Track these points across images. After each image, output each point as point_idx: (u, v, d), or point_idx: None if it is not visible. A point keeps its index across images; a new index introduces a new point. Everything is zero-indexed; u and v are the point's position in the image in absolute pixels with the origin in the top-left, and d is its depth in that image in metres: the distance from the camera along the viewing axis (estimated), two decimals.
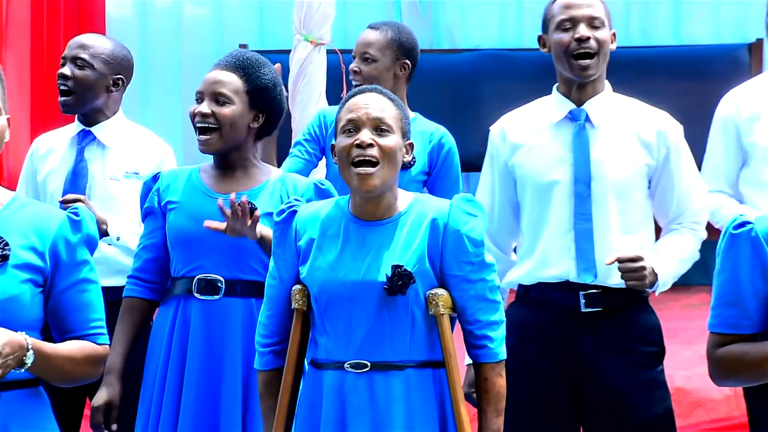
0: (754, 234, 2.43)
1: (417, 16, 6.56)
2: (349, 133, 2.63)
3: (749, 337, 2.45)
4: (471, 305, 2.64)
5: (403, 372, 2.61)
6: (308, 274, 2.66)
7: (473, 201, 2.69)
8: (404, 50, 3.86)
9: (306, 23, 5.36)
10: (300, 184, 3.11)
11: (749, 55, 6.18)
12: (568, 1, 3.05)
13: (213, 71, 3.07)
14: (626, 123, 3.06)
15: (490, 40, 6.56)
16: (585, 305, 3.02)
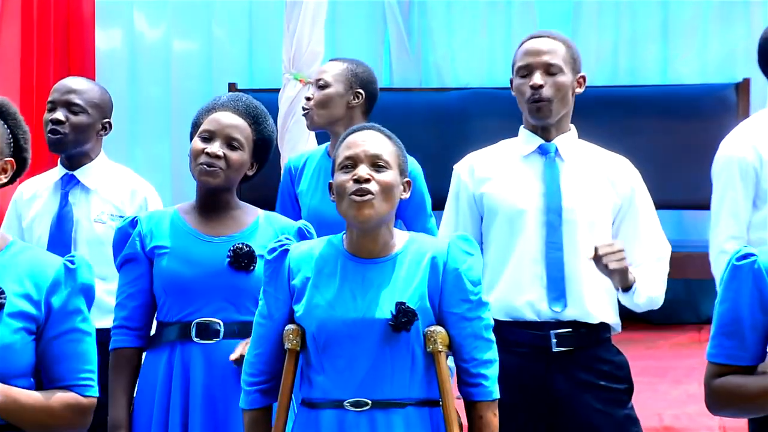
0: (756, 266, 2.43)
1: (406, 54, 6.59)
2: (346, 170, 2.65)
3: (747, 368, 2.45)
4: (468, 343, 2.66)
5: (404, 410, 2.61)
6: (305, 313, 2.66)
7: (470, 240, 2.71)
8: (359, 80, 3.91)
9: (295, 62, 5.38)
10: (286, 224, 3.12)
11: (736, 95, 6.21)
12: (528, 48, 3.11)
13: (224, 113, 3.05)
14: (593, 161, 3.15)
15: (479, 78, 6.59)
16: (556, 344, 3.04)
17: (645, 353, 5.37)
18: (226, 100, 3.10)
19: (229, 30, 6.59)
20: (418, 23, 6.59)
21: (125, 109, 6.47)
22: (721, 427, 4.32)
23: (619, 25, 6.46)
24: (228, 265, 3.01)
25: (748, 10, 6.36)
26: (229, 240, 3.03)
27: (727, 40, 6.41)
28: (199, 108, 3.14)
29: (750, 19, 6.33)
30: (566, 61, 3.09)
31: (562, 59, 3.08)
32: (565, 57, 3.09)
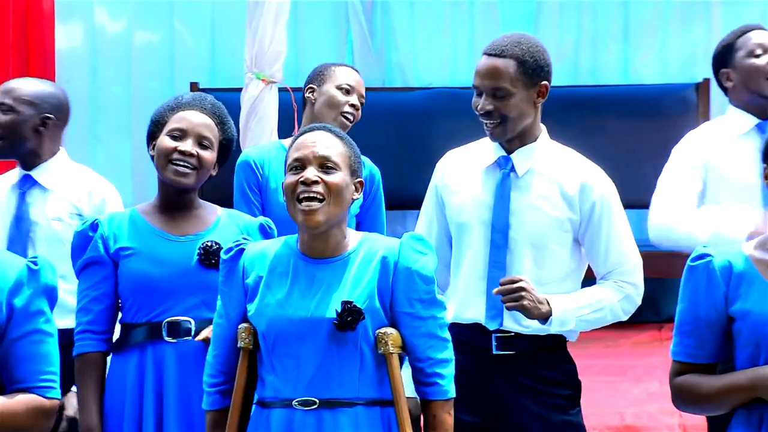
0: (711, 267, 2.47)
1: (369, 53, 6.58)
2: (295, 171, 2.65)
3: (706, 366, 2.48)
4: (422, 343, 2.66)
5: (352, 409, 2.61)
6: (256, 312, 2.66)
7: (423, 239, 2.71)
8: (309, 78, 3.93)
9: (258, 61, 5.36)
10: (248, 221, 3.12)
11: (697, 95, 6.26)
12: (479, 67, 3.06)
13: (192, 112, 3.04)
14: (551, 175, 3.07)
15: (442, 78, 6.60)
16: (496, 347, 3.05)
17: (606, 352, 5.40)
18: (192, 99, 3.08)
19: (191, 30, 6.56)
20: (381, 23, 6.59)
21: (86, 108, 6.43)
22: (681, 425, 4.36)
23: (581, 26, 6.49)
24: (198, 262, 3.00)
25: (708, 10, 6.41)
26: (195, 238, 3.02)
27: (688, 40, 6.46)
28: (159, 106, 3.12)
29: (710, 20, 6.39)
30: (515, 80, 3.00)
31: (510, 80, 3.00)
32: (514, 76, 3.01)
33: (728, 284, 2.46)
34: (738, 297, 2.45)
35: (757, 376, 2.39)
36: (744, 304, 2.44)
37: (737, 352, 2.47)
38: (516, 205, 3.05)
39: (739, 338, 2.46)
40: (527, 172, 3.07)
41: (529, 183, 3.06)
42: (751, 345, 2.43)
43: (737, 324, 2.45)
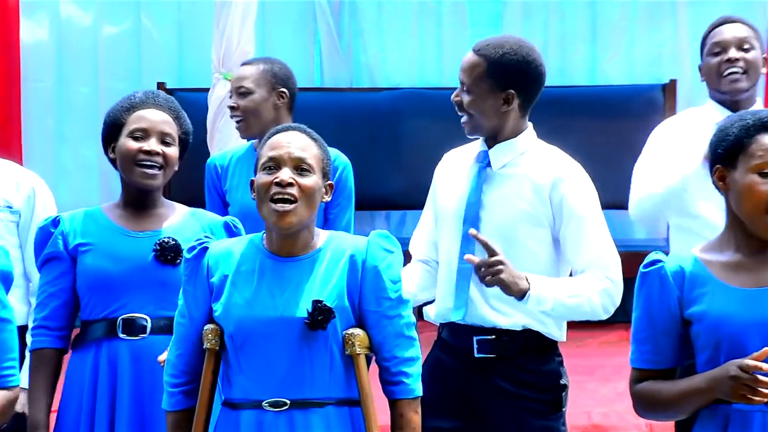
0: (663, 272, 2.47)
1: (337, 54, 6.58)
2: (269, 171, 2.63)
3: (665, 372, 2.49)
4: (388, 342, 2.65)
5: (323, 409, 2.60)
6: (223, 312, 2.64)
7: (389, 237, 2.71)
8: (279, 79, 3.89)
9: (225, 61, 5.35)
10: (212, 219, 3.10)
11: (663, 95, 6.29)
12: (461, 62, 3.07)
13: (149, 110, 3.02)
14: (525, 170, 3.05)
15: (410, 78, 6.61)
16: (477, 351, 3.03)
17: (573, 351, 5.41)
18: (146, 98, 3.06)
19: (158, 30, 6.53)
20: (348, 23, 6.59)
21: (53, 110, 6.38)
22: (648, 424, 4.37)
23: (548, 26, 6.52)
24: (154, 259, 2.98)
25: (675, 11, 6.45)
26: (154, 235, 3.01)
27: (654, 41, 6.50)
28: (111, 108, 3.08)
29: (677, 21, 6.43)
30: (479, 79, 3.00)
31: (473, 79, 3.00)
32: (479, 75, 2.99)
33: (682, 288, 2.46)
34: (693, 300, 2.45)
35: (713, 378, 2.39)
36: (700, 306, 2.45)
37: (697, 355, 2.47)
38: (488, 198, 3.05)
39: (697, 341, 2.46)
40: (503, 166, 3.07)
41: (503, 177, 3.06)
42: (710, 347, 2.43)
43: (695, 327, 2.46)
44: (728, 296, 2.44)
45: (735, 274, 2.45)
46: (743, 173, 2.43)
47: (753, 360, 2.34)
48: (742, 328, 2.40)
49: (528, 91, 3.04)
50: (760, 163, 2.42)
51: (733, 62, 3.61)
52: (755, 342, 2.39)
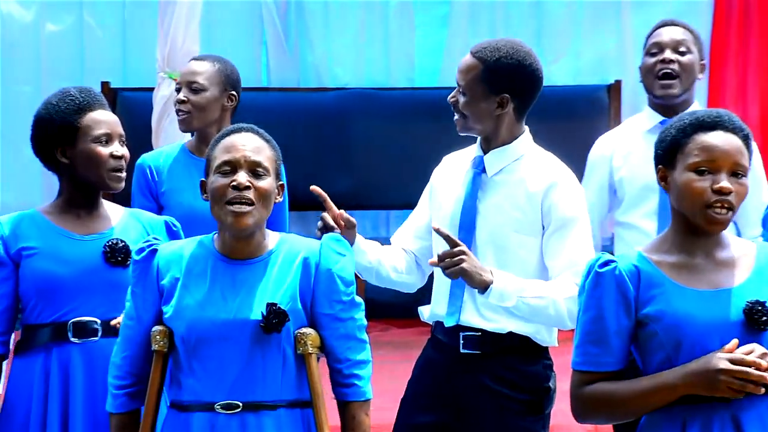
0: (618, 272, 2.47)
1: (283, 54, 6.56)
2: (225, 174, 2.62)
3: (612, 374, 2.48)
4: (340, 344, 2.66)
5: (275, 412, 2.60)
6: (174, 314, 2.63)
7: (342, 240, 2.71)
8: (231, 81, 3.86)
9: (170, 60, 5.31)
10: (152, 220, 3.08)
11: (608, 96, 6.34)
12: (459, 65, 3.09)
13: (101, 112, 2.99)
14: (519, 177, 3.05)
15: (357, 78, 6.60)
16: (463, 346, 3.04)
17: None
18: (90, 98, 3.01)
19: (102, 28, 6.47)
20: (295, 23, 6.57)
21: None
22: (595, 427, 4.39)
23: (494, 28, 6.54)
24: (104, 261, 2.95)
25: (619, 13, 6.50)
26: (100, 237, 2.98)
27: (599, 42, 6.55)
28: (53, 110, 3.00)
29: (621, 23, 6.48)
30: (474, 82, 3.02)
31: (468, 81, 3.02)
32: (474, 77, 3.01)
33: (637, 288, 2.46)
34: (648, 300, 2.46)
35: (691, 373, 2.40)
36: (656, 306, 2.45)
37: (649, 356, 2.47)
38: (482, 205, 3.06)
39: (651, 341, 2.46)
40: (497, 173, 3.06)
41: (497, 184, 3.06)
42: (667, 347, 2.44)
43: (650, 327, 2.46)
44: (685, 298, 2.45)
45: (687, 275, 2.47)
46: (681, 172, 2.46)
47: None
48: (703, 329, 2.42)
49: (524, 95, 3.03)
50: (696, 161, 2.45)
51: (668, 63, 3.66)
52: (715, 343, 2.41)
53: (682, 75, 3.65)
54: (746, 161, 2.46)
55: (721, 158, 2.44)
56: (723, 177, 2.42)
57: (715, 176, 2.43)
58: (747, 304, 2.42)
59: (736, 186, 2.43)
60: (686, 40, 3.70)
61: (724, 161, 2.44)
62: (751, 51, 6.28)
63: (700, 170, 2.44)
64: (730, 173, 2.44)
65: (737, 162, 2.44)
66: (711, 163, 2.44)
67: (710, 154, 2.44)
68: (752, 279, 2.46)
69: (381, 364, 3.20)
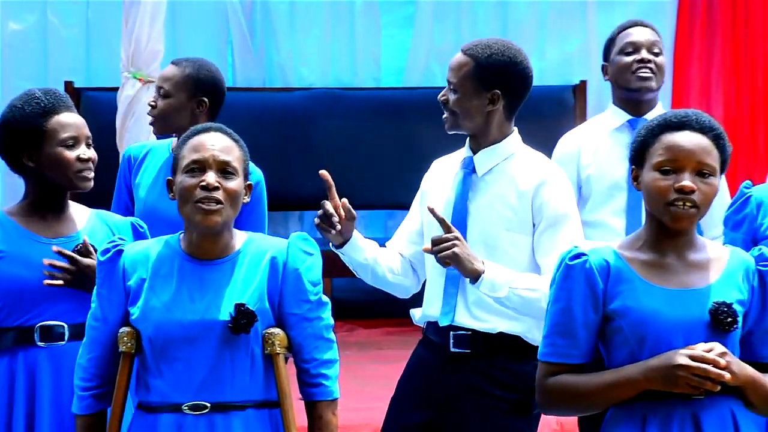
0: (588, 266, 2.50)
1: (249, 54, 6.53)
2: (193, 173, 2.61)
3: (579, 366, 2.50)
4: (308, 343, 2.66)
5: (244, 412, 2.60)
6: (141, 315, 2.62)
7: (309, 240, 2.71)
8: (202, 86, 3.76)
9: (134, 60, 5.28)
10: (118, 221, 3.06)
11: (574, 97, 6.37)
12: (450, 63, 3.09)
13: (68, 114, 2.97)
14: (509, 176, 3.06)
15: (323, 78, 6.59)
16: (453, 345, 3.06)
17: None
18: (56, 100, 2.99)
19: (65, 27, 6.42)
20: (261, 23, 6.55)
21: None
22: (558, 422, 4.41)
23: (460, 28, 6.55)
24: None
25: (584, 14, 6.53)
26: (67, 240, 2.96)
27: (564, 43, 6.58)
28: (17, 113, 2.97)
29: (586, 23, 6.51)
30: (466, 79, 3.02)
31: (461, 78, 3.03)
32: (467, 75, 3.02)
33: (606, 282, 2.49)
34: (616, 295, 2.48)
35: (652, 368, 2.42)
36: (623, 302, 2.48)
37: (614, 351, 2.49)
38: (473, 205, 3.07)
39: (616, 336, 2.49)
40: (487, 172, 3.07)
41: (487, 183, 3.07)
42: (632, 342, 2.46)
43: (616, 322, 2.48)
44: (653, 295, 2.47)
45: (657, 273, 2.49)
46: (648, 171, 2.49)
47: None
48: (668, 327, 2.44)
49: (514, 93, 3.05)
50: (660, 160, 2.47)
51: (646, 62, 3.69)
52: (680, 342, 2.43)
53: (657, 74, 3.71)
54: (713, 160, 2.48)
55: (685, 158, 2.46)
56: (685, 176, 2.45)
57: (678, 175, 2.45)
58: (713, 305, 2.45)
59: (702, 185, 2.46)
60: (658, 41, 3.77)
61: (687, 160, 2.46)
62: (714, 51, 6.33)
63: (664, 169, 2.47)
64: (694, 172, 2.46)
65: (702, 161, 2.46)
66: (674, 163, 2.46)
67: (673, 154, 2.47)
68: (721, 281, 2.49)
69: (347, 365, 3.20)
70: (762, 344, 2.51)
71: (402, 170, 5.92)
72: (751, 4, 6.29)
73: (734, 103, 6.28)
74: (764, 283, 2.51)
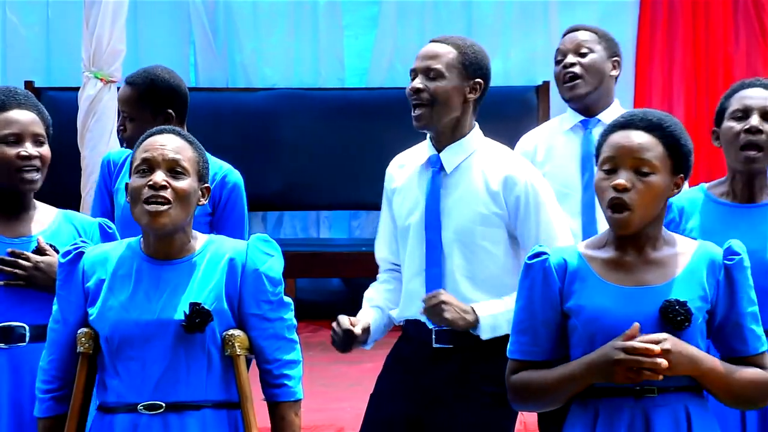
0: (547, 265, 2.51)
1: (212, 54, 6.50)
2: (143, 173, 2.61)
3: (541, 363, 2.52)
4: (269, 344, 2.64)
5: (200, 412, 2.59)
6: (99, 315, 2.61)
7: (270, 241, 2.70)
8: (163, 99, 3.59)
9: (96, 60, 5.24)
10: (86, 222, 3.04)
11: (537, 97, 6.39)
12: (419, 52, 3.07)
13: (16, 111, 2.93)
14: (477, 171, 3.07)
15: (287, 79, 6.58)
16: (435, 341, 3.06)
17: None
18: (6, 98, 2.95)
19: (25, 26, 6.36)
20: (224, 23, 6.52)
21: None
22: (522, 422, 4.43)
23: (424, 28, 6.55)
24: None
25: (547, 14, 6.55)
26: (29, 240, 2.93)
27: (528, 44, 6.60)
28: None
29: (549, 24, 6.53)
30: (451, 66, 3.02)
31: (445, 64, 3.02)
32: (451, 62, 3.02)
33: (563, 280, 2.50)
34: (572, 293, 2.50)
35: (592, 363, 2.43)
36: (577, 300, 2.49)
37: (572, 349, 2.51)
38: (445, 203, 3.07)
39: (573, 335, 2.50)
40: (455, 169, 3.07)
41: (456, 180, 3.07)
42: (585, 341, 2.48)
43: (572, 321, 2.50)
44: (606, 293, 2.48)
45: (614, 271, 2.50)
46: (597, 171, 2.51)
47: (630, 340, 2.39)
48: (618, 325, 2.45)
49: (485, 84, 3.09)
50: (602, 159, 2.49)
51: (569, 67, 3.71)
52: None
53: (585, 75, 3.70)
54: (655, 158, 2.46)
55: (621, 155, 2.46)
56: (620, 174, 2.44)
57: (616, 174, 2.46)
58: (664, 303, 2.45)
59: (639, 183, 2.45)
60: (587, 40, 3.75)
61: (623, 158, 2.46)
62: (676, 51, 6.37)
63: (606, 169, 2.48)
64: (633, 170, 2.45)
65: (638, 158, 2.46)
66: (612, 161, 2.47)
67: (612, 152, 2.47)
68: (681, 278, 2.49)
69: (311, 366, 3.19)
70: (734, 338, 2.51)
71: (366, 171, 5.92)
72: (712, 4, 6.34)
73: (695, 104, 6.32)
74: (731, 278, 2.50)
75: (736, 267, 2.50)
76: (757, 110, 3.04)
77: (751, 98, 3.06)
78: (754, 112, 3.04)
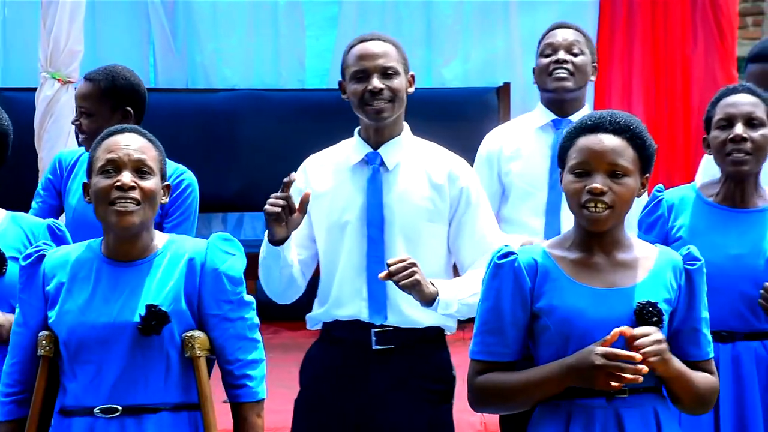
0: (517, 264, 2.52)
1: (171, 54, 6.46)
2: (108, 174, 2.59)
3: (507, 364, 2.52)
4: (230, 344, 2.63)
5: (157, 415, 2.57)
6: (57, 319, 2.59)
7: (231, 240, 2.68)
8: (122, 96, 3.63)
9: (53, 60, 5.19)
10: (34, 224, 3.01)
11: (497, 98, 6.40)
12: (360, 52, 3.09)
13: None
14: (419, 166, 3.12)
15: (247, 80, 6.54)
16: (376, 342, 3.06)
17: None
18: None
19: None
20: (183, 23, 6.48)
21: None
22: (482, 423, 4.43)
23: (384, 29, 6.52)
24: None
25: (507, 16, 6.57)
26: None
27: (488, 45, 6.60)
28: None
29: (509, 25, 6.55)
30: (401, 61, 3.11)
31: (396, 61, 3.10)
32: (398, 58, 3.10)
33: (534, 280, 2.51)
34: (543, 294, 2.51)
35: (570, 367, 2.44)
36: (549, 300, 2.50)
37: (540, 349, 2.51)
38: (387, 198, 3.09)
39: (543, 335, 2.50)
40: (396, 165, 3.10)
41: (398, 175, 3.10)
42: (557, 341, 2.48)
43: (542, 320, 2.50)
44: (578, 294, 2.49)
45: (584, 272, 2.52)
46: (566, 174, 2.53)
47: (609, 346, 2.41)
48: (592, 326, 2.46)
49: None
50: (573, 164, 2.51)
51: (561, 63, 3.73)
52: None
53: (576, 74, 3.74)
54: (627, 161, 2.50)
55: (595, 160, 2.49)
56: (596, 178, 2.48)
57: (590, 177, 2.48)
58: (638, 305, 2.48)
59: (615, 186, 2.48)
60: (579, 41, 3.79)
61: (598, 163, 2.49)
62: (635, 52, 6.40)
63: (577, 172, 2.50)
64: (607, 173, 2.48)
65: (613, 162, 2.49)
66: (586, 165, 2.50)
67: (585, 156, 2.50)
68: (648, 281, 2.52)
69: (272, 367, 3.17)
70: (689, 342, 2.54)
71: None
72: (670, 5, 6.38)
73: (654, 105, 6.36)
74: (691, 282, 2.54)
75: (696, 272, 2.55)
76: (740, 117, 3.07)
77: (734, 106, 3.09)
78: (737, 120, 3.07)
